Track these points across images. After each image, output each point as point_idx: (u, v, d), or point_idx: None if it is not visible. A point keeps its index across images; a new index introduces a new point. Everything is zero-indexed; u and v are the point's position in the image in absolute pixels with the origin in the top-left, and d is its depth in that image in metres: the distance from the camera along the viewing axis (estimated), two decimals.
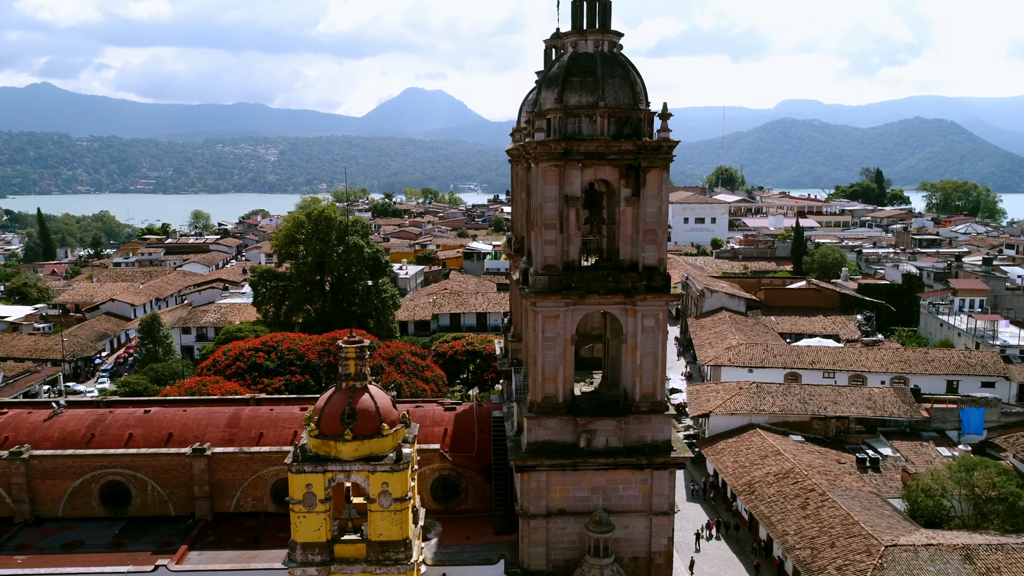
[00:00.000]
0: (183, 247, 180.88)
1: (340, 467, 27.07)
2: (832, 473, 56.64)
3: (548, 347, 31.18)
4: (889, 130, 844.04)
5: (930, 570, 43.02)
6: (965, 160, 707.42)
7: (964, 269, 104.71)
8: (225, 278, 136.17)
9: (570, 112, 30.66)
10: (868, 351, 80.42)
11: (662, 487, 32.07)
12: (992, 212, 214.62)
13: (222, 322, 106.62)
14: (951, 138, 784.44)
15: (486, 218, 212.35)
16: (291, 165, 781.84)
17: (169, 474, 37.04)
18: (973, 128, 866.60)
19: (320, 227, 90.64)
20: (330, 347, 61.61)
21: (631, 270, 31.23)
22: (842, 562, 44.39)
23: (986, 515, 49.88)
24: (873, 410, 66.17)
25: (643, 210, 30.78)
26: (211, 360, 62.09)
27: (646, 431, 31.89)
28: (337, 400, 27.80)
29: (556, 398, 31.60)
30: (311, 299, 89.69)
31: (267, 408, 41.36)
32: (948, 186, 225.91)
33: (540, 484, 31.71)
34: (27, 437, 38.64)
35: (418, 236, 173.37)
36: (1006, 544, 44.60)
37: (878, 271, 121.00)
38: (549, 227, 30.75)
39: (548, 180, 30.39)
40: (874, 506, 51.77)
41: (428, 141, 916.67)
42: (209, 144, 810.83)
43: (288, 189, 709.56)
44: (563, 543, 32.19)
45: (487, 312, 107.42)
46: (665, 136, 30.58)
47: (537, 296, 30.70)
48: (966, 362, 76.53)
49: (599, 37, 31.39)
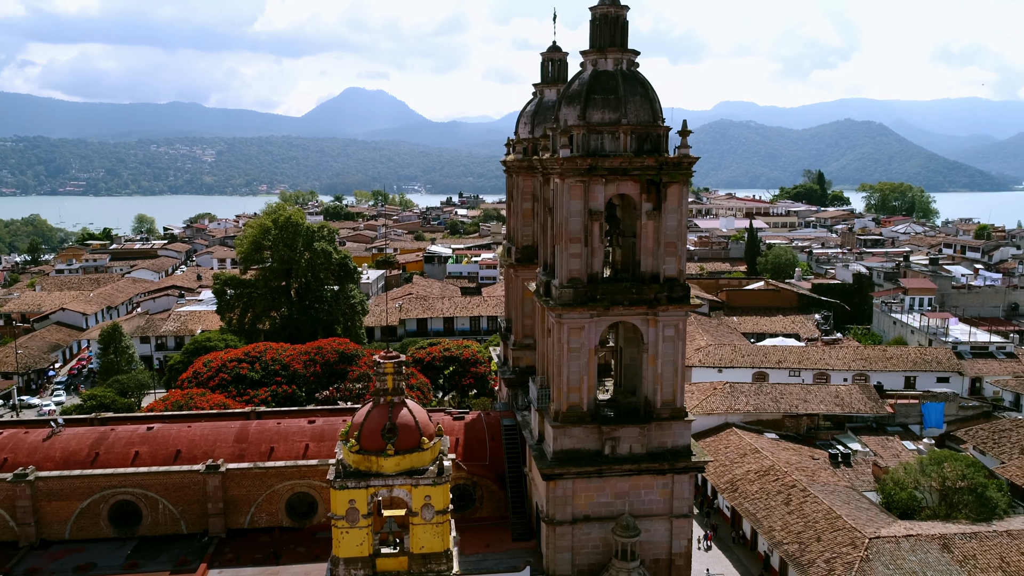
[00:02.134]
0: (129, 253, 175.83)
1: (383, 482, 27.35)
2: (809, 469, 58.88)
3: (573, 357, 31.97)
4: (821, 131, 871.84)
5: (912, 560, 45.16)
6: (893, 161, 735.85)
7: (912, 269, 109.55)
8: (179, 285, 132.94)
9: (593, 129, 31.51)
10: (830, 350, 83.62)
11: (682, 490, 33.22)
12: (926, 212, 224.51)
13: (183, 331, 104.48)
14: (879, 139, 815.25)
15: (441, 221, 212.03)
16: (229, 166, 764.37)
17: (181, 492, 36.53)
18: (899, 130, 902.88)
19: (287, 233, 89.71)
20: (315, 356, 61.29)
21: (652, 282, 32.26)
22: (830, 555, 46.21)
23: (955, 505, 52.49)
24: (841, 407, 68.93)
25: (664, 224, 31.85)
26: (191, 372, 60.96)
27: (667, 437, 32.99)
28: (376, 415, 28.05)
29: (581, 407, 32.43)
30: (277, 306, 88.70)
31: (273, 422, 41.08)
32: (886, 187, 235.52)
33: (566, 491, 32.48)
34: (27, 458, 37.59)
35: (374, 240, 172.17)
36: (979, 532, 47.23)
37: (828, 271, 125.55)
38: (574, 241, 31.55)
39: (573, 195, 31.19)
40: (852, 500, 53.96)
41: (370, 142, 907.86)
42: (142, 144, 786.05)
43: (227, 191, 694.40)
44: (587, 548, 33.03)
45: (454, 317, 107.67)
46: (685, 152, 31.71)
47: (563, 308, 31.45)
48: (922, 359, 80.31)
49: (619, 55, 32.32)
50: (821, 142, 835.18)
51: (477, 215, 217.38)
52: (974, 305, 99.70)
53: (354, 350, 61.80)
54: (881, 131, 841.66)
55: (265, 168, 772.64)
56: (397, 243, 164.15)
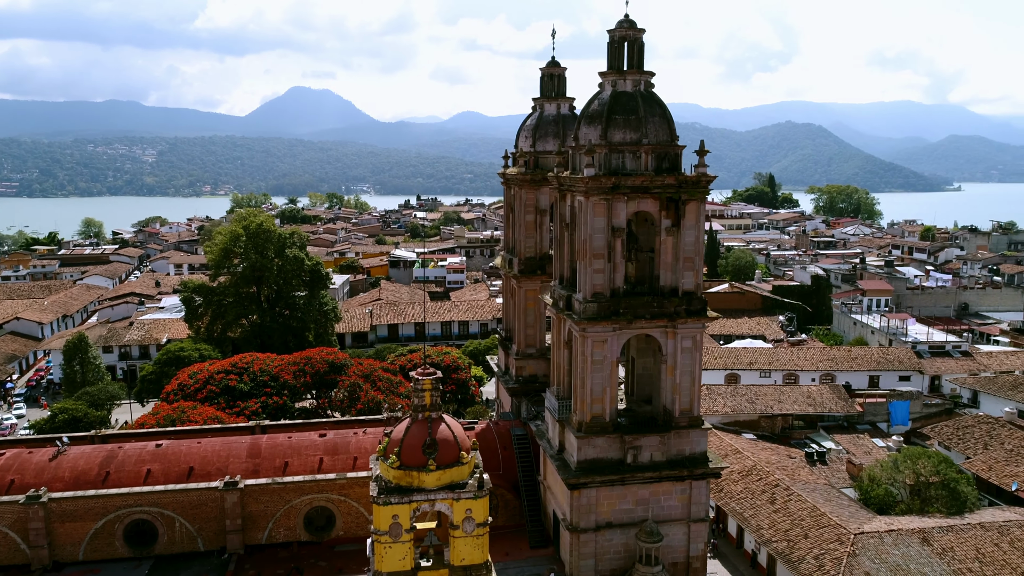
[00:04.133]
0: (80, 258, 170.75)
1: (424, 497, 27.84)
2: (789, 468, 61.11)
3: (596, 370, 32.98)
4: (764, 133, 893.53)
5: (895, 554, 47.36)
6: (832, 162, 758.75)
7: (868, 271, 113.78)
8: (138, 292, 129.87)
9: (614, 148, 32.57)
10: (798, 351, 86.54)
11: (700, 495, 34.53)
12: (871, 213, 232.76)
13: (148, 339, 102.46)
14: (819, 141, 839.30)
15: (401, 224, 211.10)
16: (171, 166, 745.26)
17: (199, 509, 36.34)
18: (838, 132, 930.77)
19: (258, 240, 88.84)
20: (305, 367, 61.04)
21: (671, 295, 33.47)
22: (818, 551, 48.08)
23: (928, 500, 55.12)
24: (813, 407, 71.59)
25: (682, 239, 33.09)
26: (176, 384, 60.09)
27: (685, 444, 34.27)
28: (416, 431, 28.53)
29: (604, 418, 33.46)
30: (248, 313, 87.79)
31: (284, 436, 41.09)
32: (833, 189, 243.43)
33: (590, 500, 33.48)
34: (35, 479, 36.92)
35: (334, 243, 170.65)
36: (954, 525, 49.71)
37: (786, 273, 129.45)
38: (597, 257, 32.56)
39: (597, 213, 32.19)
40: (833, 497, 56.17)
41: (317, 142, 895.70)
42: (79, 144, 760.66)
43: (169, 192, 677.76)
44: (610, 554, 34.08)
45: (425, 322, 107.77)
46: (703, 171, 33.01)
47: (588, 322, 32.42)
48: (885, 358, 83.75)
49: (637, 77, 33.45)
50: (764, 144, 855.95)
51: (437, 218, 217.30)
52: (927, 305, 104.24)
53: (343, 360, 61.74)
54: (821, 133, 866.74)
55: (209, 169, 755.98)
56: (358, 247, 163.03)
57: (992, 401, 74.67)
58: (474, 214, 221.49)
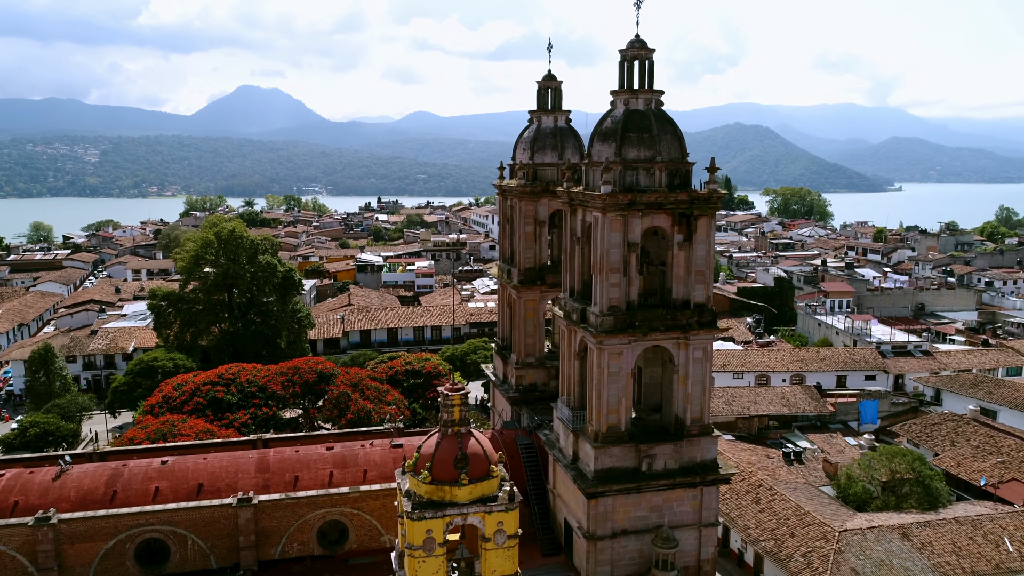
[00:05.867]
0: (31, 264, 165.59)
1: (457, 511, 28.31)
2: (770, 468, 62.94)
3: (612, 381, 33.81)
4: (713, 135, 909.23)
5: (879, 550, 49.31)
6: (779, 163, 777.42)
7: (830, 272, 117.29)
8: (97, 298, 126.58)
9: (629, 165, 33.46)
10: (768, 352, 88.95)
11: (711, 501, 35.66)
12: (823, 215, 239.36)
13: (113, 348, 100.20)
14: (766, 142, 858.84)
15: (364, 227, 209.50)
16: (115, 166, 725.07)
17: (211, 526, 36.09)
18: (784, 133, 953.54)
19: (230, 247, 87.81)
20: (293, 377, 60.67)
21: (683, 307, 34.50)
22: (806, 549, 49.76)
23: (903, 496, 57.41)
24: (788, 407, 73.74)
25: (694, 253, 34.16)
26: (160, 397, 59.15)
27: (697, 452, 35.36)
28: (447, 446, 28.96)
29: (619, 427, 34.31)
30: (219, 321, 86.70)
31: (291, 450, 41.01)
32: (787, 192, 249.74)
33: (607, 508, 34.30)
34: (40, 500, 36.23)
35: (297, 247, 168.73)
36: (932, 521, 51.95)
37: (748, 275, 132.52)
38: (614, 271, 33.39)
39: (614, 228, 33.02)
40: (814, 496, 58.08)
41: (267, 142, 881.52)
42: (17, 143, 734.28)
43: (113, 192, 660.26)
44: (625, 560, 34.96)
45: (398, 328, 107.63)
46: (714, 187, 34.13)
47: (605, 335, 33.23)
48: (851, 359, 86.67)
49: (649, 96, 34.40)
50: (713, 145, 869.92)
51: (400, 220, 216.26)
52: (886, 306, 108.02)
53: (331, 369, 61.53)
54: (768, 135, 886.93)
55: (155, 169, 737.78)
56: (322, 251, 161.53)
57: (954, 399, 77.89)
58: (436, 216, 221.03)
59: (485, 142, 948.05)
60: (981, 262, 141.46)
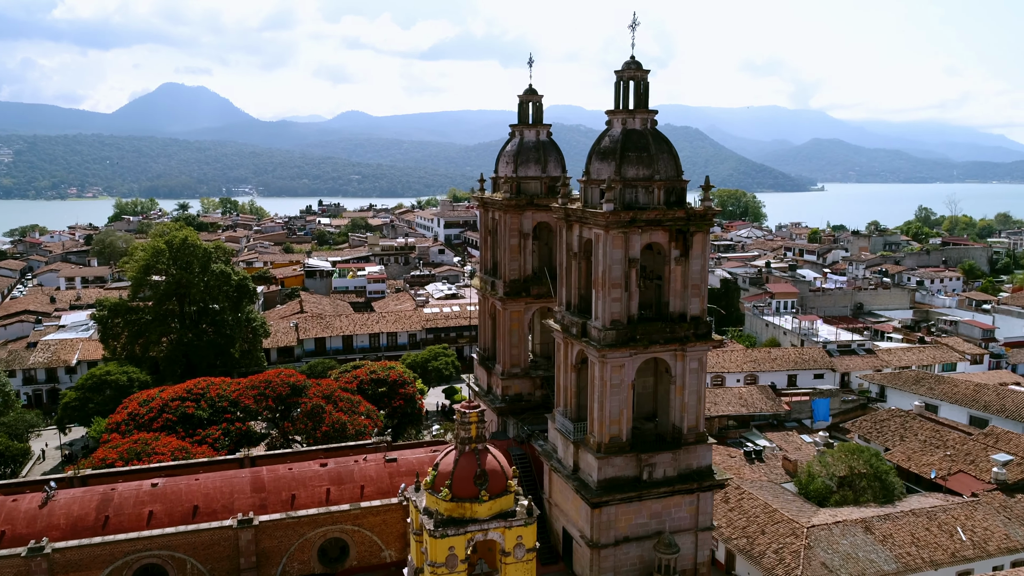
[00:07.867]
0: None
1: (478, 527, 28.78)
2: (734, 467, 65.10)
3: (614, 393, 34.76)
4: None
5: (844, 543, 51.71)
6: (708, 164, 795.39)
7: (774, 274, 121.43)
8: (32, 308, 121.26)
9: (628, 183, 34.48)
10: (722, 353, 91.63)
11: (706, 506, 36.99)
12: (757, 216, 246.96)
13: (55, 362, 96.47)
14: (696, 144, 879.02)
15: (307, 231, 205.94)
16: (31, 167, 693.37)
17: (211, 549, 35.54)
18: (712, 135, 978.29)
19: (182, 256, 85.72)
20: (266, 391, 59.70)
21: (680, 320, 35.71)
22: (777, 546, 51.78)
23: (859, 491, 60.19)
24: (746, 407, 76.29)
25: (690, 268, 35.41)
26: (126, 414, 57.39)
27: (693, 459, 36.63)
28: (465, 463, 29.37)
29: (620, 438, 35.29)
30: (169, 331, 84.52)
31: (284, 467, 40.61)
32: (723, 193, 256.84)
33: (610, 516, 35.24)
34: (28, 528, 35.01)
35: (238, 253, 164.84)
36: (890, 514, 54.64)
37: None
38: (615, 286, 34.35)
39: (615, 245, 33.98)
40: (779, 494, 60.38)
41: (193, 141, 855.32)
42: None
43: (29, 194, 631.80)
44: (627, 566, 35.97)
45: (353, 335, 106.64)
46: (709, 204, 35.44)
47: (607, 349, 34.15)
48: (801, 358, 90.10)
49: (645, 115, 35.50)
50: None
51: (344, 224, 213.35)
52: (827, 306, 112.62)
53: (303, 382, 60.80)
54: (697, 136, 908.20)
55: (74, 169, 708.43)
56: (266, 256, 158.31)
57: (898, 395, 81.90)
58: (381, 220, 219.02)
59: (419, 142, 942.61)
60: (910, 262, 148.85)
